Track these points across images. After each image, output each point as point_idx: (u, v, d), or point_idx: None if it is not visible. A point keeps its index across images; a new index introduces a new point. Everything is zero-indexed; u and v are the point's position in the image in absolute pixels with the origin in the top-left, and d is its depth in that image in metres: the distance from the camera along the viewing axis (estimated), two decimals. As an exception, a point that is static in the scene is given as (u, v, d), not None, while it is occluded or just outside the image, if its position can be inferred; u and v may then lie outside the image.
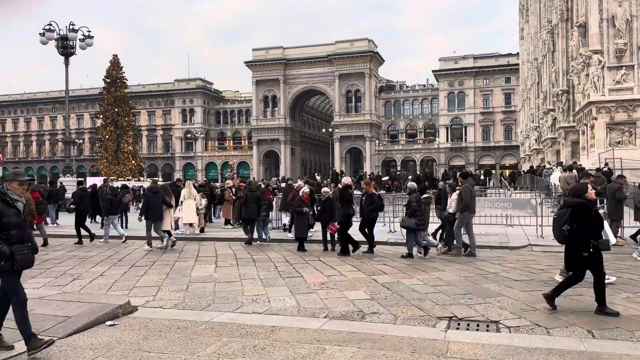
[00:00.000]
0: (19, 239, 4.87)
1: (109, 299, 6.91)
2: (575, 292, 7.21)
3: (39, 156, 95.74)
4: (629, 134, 23.28)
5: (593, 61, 23.81)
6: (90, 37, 28.31)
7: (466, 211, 10.95)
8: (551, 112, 37.60)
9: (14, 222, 4.85)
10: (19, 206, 4.95)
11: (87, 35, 28.21)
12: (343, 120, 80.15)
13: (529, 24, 54.27)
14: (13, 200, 4.91)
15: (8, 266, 4.76)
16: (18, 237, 4.87)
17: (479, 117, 78.40)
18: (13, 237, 4.81)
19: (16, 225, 4.87)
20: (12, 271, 4.83)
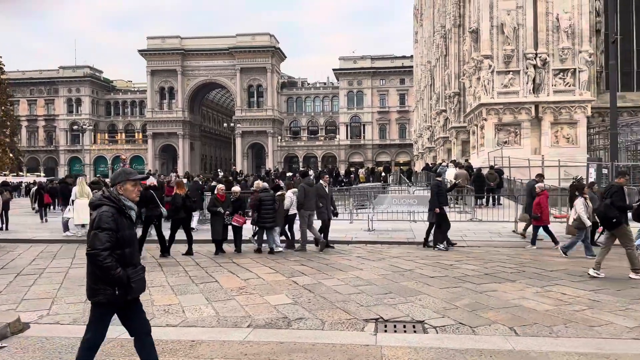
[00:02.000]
0: (132, 259, 3.76)
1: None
2: (490, 289, 7.49)
3: None
4: (514, 135, 25.18)
5: (484, 65, 25.42)
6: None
7: (302, 209, 11.73)
8: (443, 113, 39.85)
9: (127, 236, 3.75)
10: (133, 215, 3.84)
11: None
12: (245, 115, 78.99)
13: (423, 28, 57.11)
14: (127, 207, 3.79)
15: (121, 295, 3.65)
16: (131, 256, 3.77)
17: (376, 116, 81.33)
18: (127, 257, 3.71)
19: (130, 241, 3.77)
20: (119, 303, 3.71)
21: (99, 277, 3.62)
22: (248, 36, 79.20)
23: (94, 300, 3.71)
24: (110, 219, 3.62)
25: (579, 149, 24.21)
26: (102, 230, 3.58)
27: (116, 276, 3.56)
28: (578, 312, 6.19)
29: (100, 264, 3.54)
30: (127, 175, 3.87)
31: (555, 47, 24.71)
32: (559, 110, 24.68)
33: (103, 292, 3.63)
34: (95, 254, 3.54)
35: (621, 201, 8.41)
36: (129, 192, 3.81)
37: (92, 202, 3.83)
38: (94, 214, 3.69)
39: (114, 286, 3.60)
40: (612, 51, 17.75)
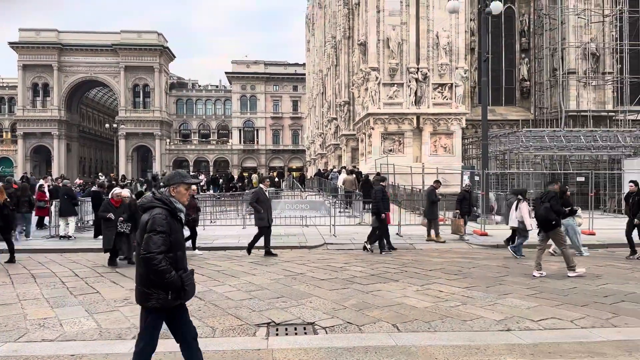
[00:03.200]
0: (183, 262, 3.65)
1: None
2: (375, 289, 7.88)
3: None
4: (398, 143, 26.71)
5: (371, 77, 26.70)
6: None
7: None
8: (334, 121, 41.14)
9: (179, 239, 3.65)
10: (183, 218, 3.73)
11: None
12: (129, 116, 74.92)
13: (315, 38, 58.52)
14: (178, 210, 3.68)
15: (174, 300, 3.53)
16: (182, 259, 3.66)
17: (269, 121, 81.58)
18: (178, 260, 3.59)
19: (181, 244, 3.67)
20: (172, 308, 3.59)
21: (152, 281, 3.52)
22: (134, 33, 75.37)
23: (147, 305, 3.60)
24: (165, 221, 3.56)
25: (455, 157, 26.31)
26: (157, 233, 3.50)
27: (170, 280, 3.49)
28: (453, 308, 6.74)
29: (155, 268, 3.46)
30: (182, 177, 3.83)
31: (435, 63, 26.65)
32: (438, 121, 26.63)
33: (156, 296, 3.55)
34: (150, 257, 3.46)
35: (558, 205, 9.25)
36: (182, 195, 3.77)
37: (143, 204, 3.74)
38: (146, 216, 3.61)
39: (167, 290, 3.52)
40: (484, 69, 19.58)
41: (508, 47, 34.56)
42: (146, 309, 3.65)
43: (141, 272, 3.59)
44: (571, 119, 30.24)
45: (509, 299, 7.24)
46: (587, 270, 9.20)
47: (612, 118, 30.68)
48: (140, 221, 3.73)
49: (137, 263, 3.70)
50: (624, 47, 30.06)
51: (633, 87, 30.59)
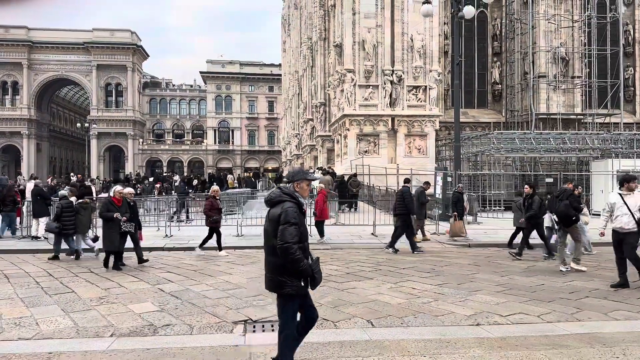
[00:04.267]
0: (308, 252, 3.96)
1: None
2: (350, 286, 8.04)
3: None
4: (374, 144, 27.04)
5: (347, 79, 26.97)
6: None
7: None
8: (310, 122, 41.31)
9: (305, 231, 3.95)
10: (305, 211, 4.08)
11: None
12: (101, 115, 73.65)
13: (290, 38, 58.62)
14: (301, 204, 3.98)
15: (305, 287, 3.89)
16: (307, 249, 3.97)
17: (245, 122, 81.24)
18: (306, 250, 3.91)
19: (307, 236, 3.99)
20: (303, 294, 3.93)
21: (287, 270, 3.80)
22: (106, 31, 74.12)
23: (282, 292, 3.88)
24: (296, 213, 3.85)
25: (429, 158, 26.78)
26: (291, 225, 3.78)
27: (304, 267, 3.78)
28: (425, 304, 6.94)
29: (291, 257, 3.73)
30: (305, 174, 4.15)
31: (410, 66, 27.08)
32: (412, 123, 27.05)
33: (290, 284, 3.85)
34: (288, 247, 3.73)
35: (576, 202, 9.69)
36: (304, 190, 4.07)
37: (272, 198, 4.02)
38: (278, 209, 3.88)
39: (300, 278, 3.83)
40: (457, 72, 20.00)
41: (481, 51, 35.29)
42: (282, 296, 3.93)
43: (275, 262, 3.88)
44: (541, 122, 31.08)
45: (479, 295, 7.49)
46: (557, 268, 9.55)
47: (581, 121, 31.63)
48: (269, 214, 3.98)
49: (268, 252, 3.98)
50: (593, 52, 31.04)
51: (601, 90, 31.63)
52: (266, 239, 3.99)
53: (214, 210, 11.71)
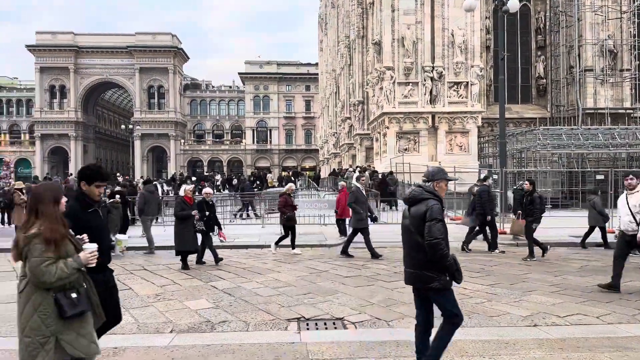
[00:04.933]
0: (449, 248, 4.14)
1: None
2: (400, 286, 7.99)
3: None
4: (414, 142, 26.78)
5: (386, 76, 26.80)
6: None
7: (142, 215, 12.50)
8: (348, 120, 41.25)
9: (446, 228, 4.10)
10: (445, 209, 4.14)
11: None
12: (144, 117, 75.65)
13: (327, 37, 58.65)
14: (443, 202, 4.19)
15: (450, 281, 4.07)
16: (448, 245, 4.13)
17: (282, 121, 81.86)
18: (447, 246, 4.06)
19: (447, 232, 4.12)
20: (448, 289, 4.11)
21: (433, 265, 3.96)
22: (148, 35, 76.05)
23: (430, 286, 4.04)
24: (441, 210, 4.01)
25: (471, 156, 26.30)
26: (438, 221, 3.93)
27: (450, 263, 3.92)
28: (479, 305, 6.84)
29: (440, 252, 3.87)
30: (444, 174, 4.30)
31: (450, 61, 26.67)
32: (453, 120, 26.65)
33: (438, 279, 4.00)
34: (437, 243, 3.87)
35: None
36: (442, 189, 4.22)
37: (414, 196, 4.15)
38: (422, 206, 4.01)
39: (445, 272, 3.98)
40: (502, 67, 19.54)
41: (524, 45, 34.39)
42: (434, 289, 4.05)
43: (420, 257, 4.03)
44: (588, 117, 30.02)
45: (533, 295, 7.32)
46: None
47: (630, 115, 30.39)
48: (411, 211, 4.12)
49: (410, 248, 4.15)
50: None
51: (651, 84, 30.32)
52: (407, 236, 4.15)
53: (288, 207, 11.68)
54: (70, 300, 3.11)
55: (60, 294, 3.08)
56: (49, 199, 3.21)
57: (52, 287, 3.06)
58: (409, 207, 4.17)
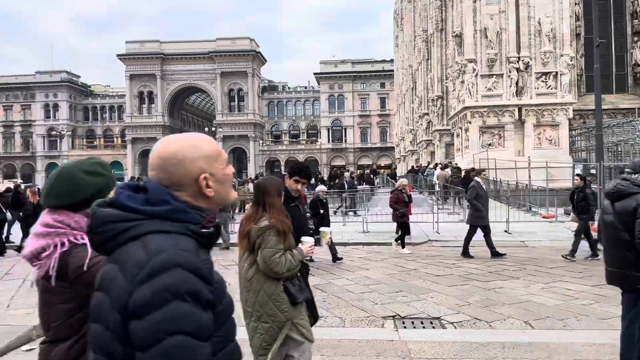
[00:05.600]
0: None
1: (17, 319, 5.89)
2: (497, 286, 7.68)
3: None
4: (498, 137, 25.68)
5: (468, 69, 25.87)
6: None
7: (223, 211, 12.59)
8: (426, 116, 40.36)
9: None
10: None
11: None
12: (226, 120, 78.61)
13: (403, 32, 57.79)
14: None
15: None
16: None
17: (357, 120, 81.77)
18: None
19: None
20: None
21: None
22: (228, 40, 78.87)
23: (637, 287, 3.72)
24: None
25: (562, 150, 24.81)
26: None
27: None
28: (586, 306, 6.40)
29: None
30: None
31: (538, 51, 25.30)
32: (542, 112, 25.26)
33: None
34: None
35: None
36: None
37: (620, 190, 3.80)
38: (630, 201, 3.69)
39: None
40: (596, 55, 18.21)
41: (618, 31, 31.94)
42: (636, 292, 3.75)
43: (625, 256, 3.73)
44: (695, 105, 27.36)
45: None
46: None
47: None
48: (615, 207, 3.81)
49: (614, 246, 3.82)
50: None
51: None
52: (610, 233, 3.85)
53: (401, 203, 11.53)
54: (298, 287, 3.25)
55: (288, 282, 3.22)
56: (274, 192, 3.30)
57: (281, 277, 3.18)
58: (611, 202, 3.84)
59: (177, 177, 1.32)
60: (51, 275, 1.62)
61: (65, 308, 1.63)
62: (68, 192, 1.71)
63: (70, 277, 1.62)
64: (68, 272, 1.61)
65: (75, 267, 1.62)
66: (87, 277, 1.57)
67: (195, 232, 1.29)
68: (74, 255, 1.63)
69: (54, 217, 1.70)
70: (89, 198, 1.69)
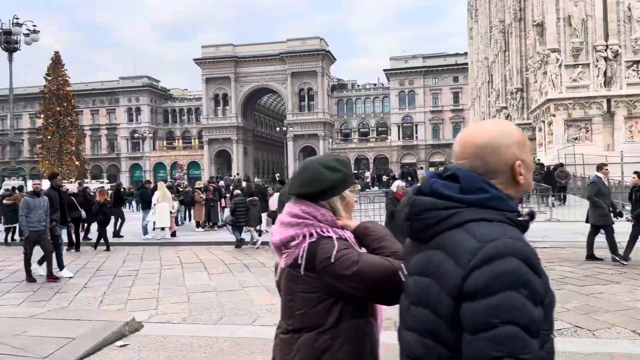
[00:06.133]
0: None
1: (110, 315, 6.21)
2: (596, 290, 7.15)
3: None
4: (585, 130, 24.15)
5: (550, 59, 24.51)
6: (35, 32, 26.43)
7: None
8: (504, 110, 38.71)
9: None
10: None
11: (32, 30, 26.35)
12: (296, 119, 79.69)
13: (478, 24, 55.79)
14: None
15: None
16: None
17: (429, 116, 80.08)
18: None
19: None
20: None
21: None
22: (298, 41, 79.85)
23: None
24: None
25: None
26: None
27: None
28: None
29: None
30: None
31: (628, 38, 23.59)
32: (633, 103, 23.52)
33: None
34: None
35: None
36: None
37: None
38: None
39: None
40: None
41: None
42: None
43: None
44: None
45: None
46: None
47: None
48: None
49: None
50: None
51: None
52: None
53: None
54: None
55: None
56: None
57: None
58: None
59: (492, 165, 1.33)
60: (300, 263, 1.68)
61: (309, 297, 1.67)
62: (308, 182, 1.75)
63: (317, 268, 1.66)
64: (315, 263, 1.66)
65: (323, 259, 1.65)
66: (334, 270, 1.62)
67: (513, 220, 1.30)
68: (322, 247, 1.67)
69: (301, 208, 1.75)
70: (325, 191, 1.75)
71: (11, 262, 11.43)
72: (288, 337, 1.73)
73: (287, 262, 1.72)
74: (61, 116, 58.36)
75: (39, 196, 8.84)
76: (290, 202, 1.81)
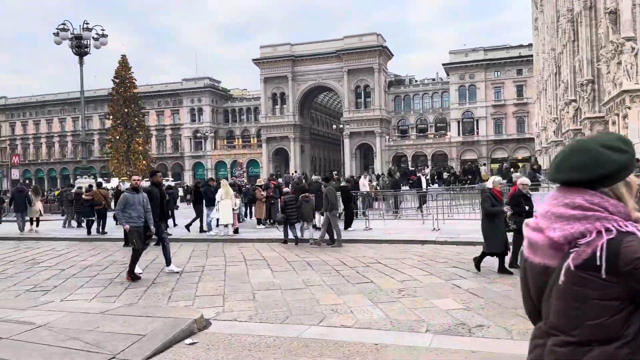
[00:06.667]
0: None
1: (179, 312, 6.27)
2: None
3: (48, 158, 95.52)
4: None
5: (625, 49, 22.94)
6: (104, 36, 27.72)
7: (333, 210, 12.64)
8: (573, 103, 36.73)
9: None
10: None
11: (100, 34, 27.64)
12: (353, 116, 79.34)
13: (544, 14, 53.32)
14: None
15: None
16: None
17: (490, 110, 77.46)
18: None
19: None
20: None
21: None
22: (355, 37, 79.41)
23: None
24: None
25: None
26: None
27: None
28: None
29: None
30: None
31: None
32: None
33: None
34: None
35: None
36: None
37: None
38: None
39: None
40: None
41: None
42: None
43: None
44: None
45: None
46: None
47: None
48: None
49: None
50: None
51: None
52: None
53: None
54: None
55: None
56: None
57: None
58: None
59: None
60: (598, 265, 1.41)
61: (607, 305, 1.41)
62: (582, 165, 1.48)
63: (622, 270, 1.40)
64: (619, 264, 1.40)
65: (631, 259, 1.39)
66: None
67: None
68: (627, 245, 1.40)
69: (585, 197, 1.48)
70: (608, 176, 1.47)
71: (84, 257, 11.95)
72: (568, 350, 1.46)
73: (575, 263, 1.44)
74: (129, 117, 61.08)
75: (138, 192, 8.98)
76: (561, 191, 1.53)
